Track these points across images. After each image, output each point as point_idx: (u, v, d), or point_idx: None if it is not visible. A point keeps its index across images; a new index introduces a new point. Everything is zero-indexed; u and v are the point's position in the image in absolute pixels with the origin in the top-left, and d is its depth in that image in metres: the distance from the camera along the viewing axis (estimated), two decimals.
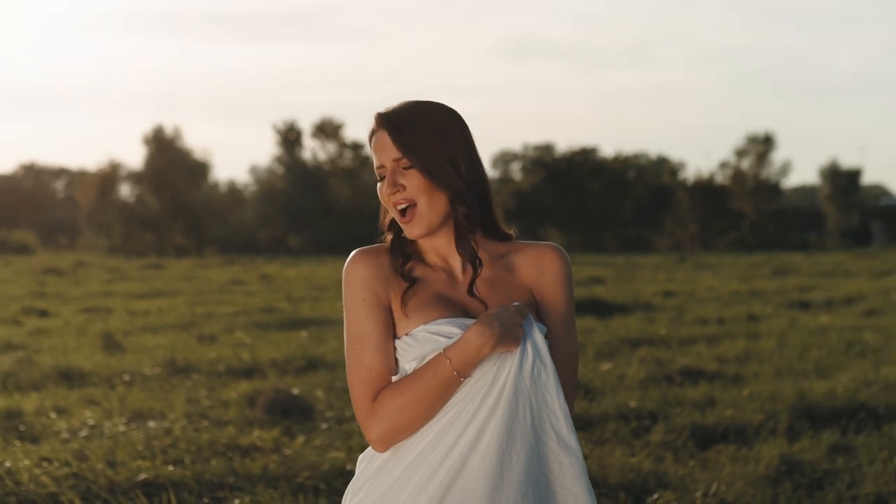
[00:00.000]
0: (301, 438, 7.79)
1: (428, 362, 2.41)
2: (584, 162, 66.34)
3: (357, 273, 2.50)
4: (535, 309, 2.57)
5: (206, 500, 6.39)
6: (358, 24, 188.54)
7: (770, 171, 67.08)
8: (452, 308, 2.50)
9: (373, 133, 2.57)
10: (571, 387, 2.57)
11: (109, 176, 63.07)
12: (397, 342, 2.47)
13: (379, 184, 2.56)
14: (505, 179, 75.08)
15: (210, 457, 7.22)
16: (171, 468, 6.87)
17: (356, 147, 64.16)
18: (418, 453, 2.42)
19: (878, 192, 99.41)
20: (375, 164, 2.56)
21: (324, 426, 8.27)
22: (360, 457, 2.61)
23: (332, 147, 64.31)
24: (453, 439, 2.40)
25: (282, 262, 42.62)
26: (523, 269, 2.59)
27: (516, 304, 2.47)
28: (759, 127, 78.90)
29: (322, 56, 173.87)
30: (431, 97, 2.58)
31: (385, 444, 2.44)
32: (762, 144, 66.82)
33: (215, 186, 67.02)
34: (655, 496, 6.30)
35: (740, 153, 67.04)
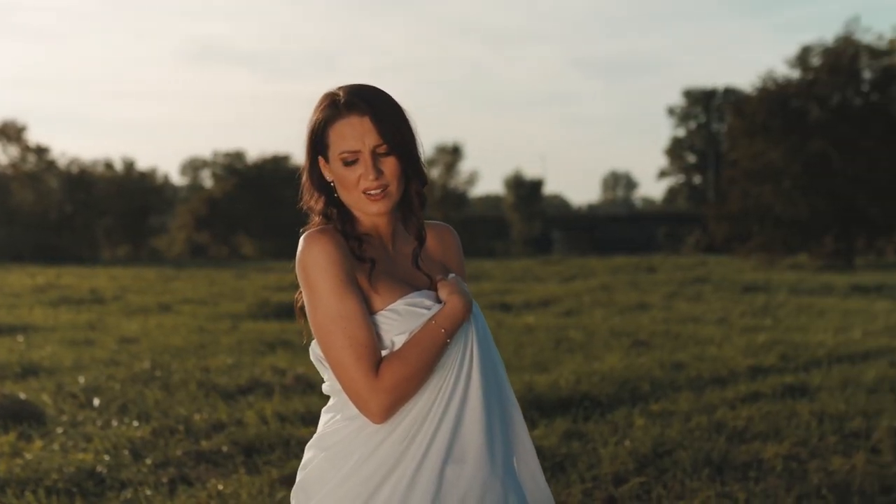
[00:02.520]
0: (39, 443, 7.57)
1: (421, 332, 2.53)
2: (275, 170, 66.28)
3: (329, 253, 2.53)
4: None
5: None
6: (38, 22, 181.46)
7: (458, 181, 69.25)
8: (406, 283, 2.64)
9: (337, 116, 2.60)
10: None
11: None
12: (377, 317, 2.55)
13: (346, 167, 2.60)
14: (195, 186, 74.09)
15: None
16: None
17: (40, 150, 61.70)
18: (414, 416, 2.53)
19: (558, 202, 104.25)
20: (345, 147, 2.58)
21: (59, 430, 8.06)
22: (312, 444, 2.65)
23: (14, 150, 61.59)
24: (446, 399, 2.55)
25: None
26: (431, 245, 2.80)
27: (453, 275, 2.70)
28: (448, 138, 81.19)
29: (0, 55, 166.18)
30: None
31: (390, 414, 2.50)
32: (450, 154, 68.91)
33: None
34: None
35: (429, 163, 68.48)
